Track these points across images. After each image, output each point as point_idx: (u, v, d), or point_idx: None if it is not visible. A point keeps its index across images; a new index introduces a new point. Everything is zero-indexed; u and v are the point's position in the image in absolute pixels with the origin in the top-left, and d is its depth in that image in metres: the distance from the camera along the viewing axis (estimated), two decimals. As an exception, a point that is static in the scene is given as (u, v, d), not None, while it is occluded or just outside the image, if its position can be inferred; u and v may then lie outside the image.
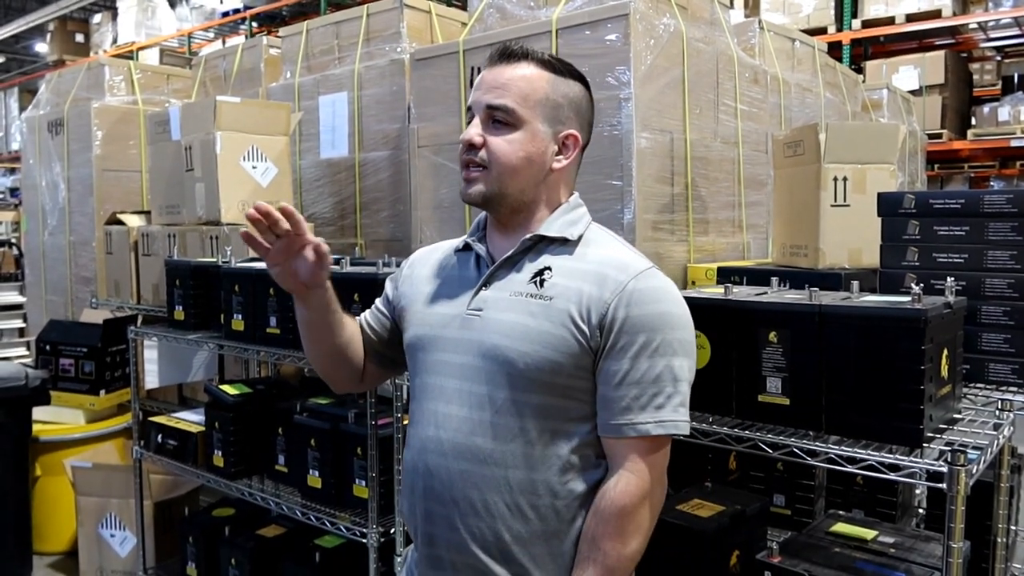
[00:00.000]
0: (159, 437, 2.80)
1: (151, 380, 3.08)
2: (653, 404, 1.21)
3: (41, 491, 3.49)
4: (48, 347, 3.58)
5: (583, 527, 1.25)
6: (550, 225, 1.31)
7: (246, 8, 10.72)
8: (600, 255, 1.29)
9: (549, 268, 1.27)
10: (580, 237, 1.31)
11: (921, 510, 2.28)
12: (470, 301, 1.30)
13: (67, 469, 3.27)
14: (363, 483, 2.22)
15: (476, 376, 1.25)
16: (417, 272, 1.44)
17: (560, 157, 1.32)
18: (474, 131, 1.28)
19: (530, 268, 1.29)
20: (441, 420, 1.28)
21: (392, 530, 2.17)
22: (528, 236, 1.30)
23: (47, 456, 3.48)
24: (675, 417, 1.22)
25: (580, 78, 1.34)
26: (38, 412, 3.40)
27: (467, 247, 1.39)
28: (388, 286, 1.50)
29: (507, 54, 1.30)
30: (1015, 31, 7.40)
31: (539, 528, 1.23)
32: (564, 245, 1.30)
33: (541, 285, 1.26)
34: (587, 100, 1.35)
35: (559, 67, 1.32)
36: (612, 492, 1.22)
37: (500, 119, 1.27)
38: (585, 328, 1.22)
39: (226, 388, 2.62)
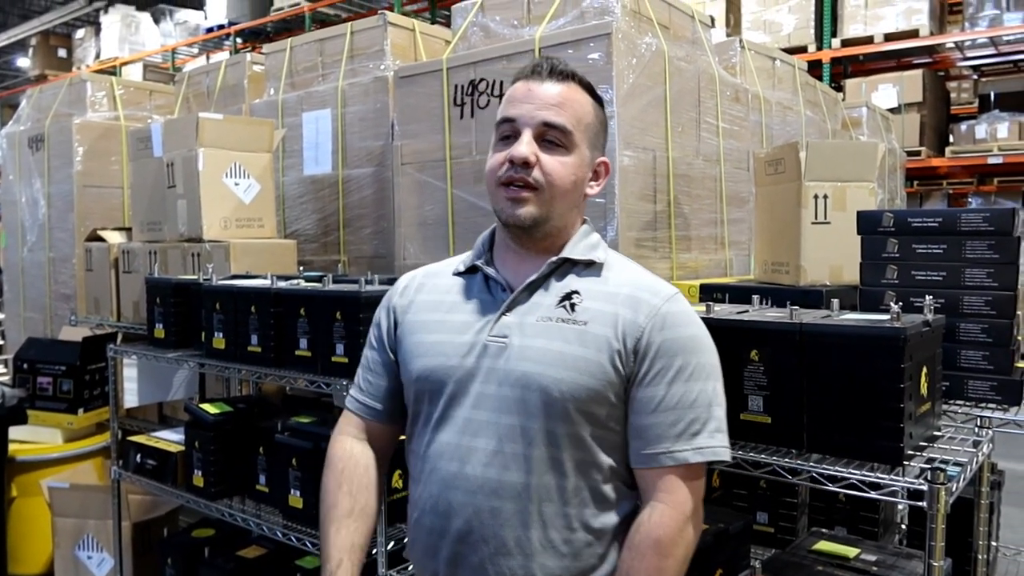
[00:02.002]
0: (138, 457, 2.77)
1: (130, 399, 3.05)
2: (689, 431, 1.17)
3: (17, 512, 3.43)
4: (26, 365, 3.52)
5: (617, 563, 1.20)
6: (574, 248, 1.26)
7: (230, 24, 10.73)
8: (626, 278, 1.25)
9: (577, 292, 1.22)
10: (603, 260, 1.27)
11: (904, 526, 2.28)
12: (491, 327, 1.22)
13: (43, 490, 3.22)
14: (345, 503, 2.19)
15: (506, 407, 1.18)
16: (417, 299, 1.34)
17: (593, 183, 1.29)
18: (528, 149, 1.20)
19: (556, 292, 1.23)
20: (465, 454, 1.19)
21: (374, 551, 2.15)
22: (554, 259, 1.25)
23: (23, 476, 3.41)
24: (712, 443, 1.18)
25: (603, 104, 1.32)
26: (15, 431, 3.34)
27: (472, 269, 1.31)
28: (383, 322, 1.38)
29: (558, 70, 1.24)
30: (991, 51, 7.53)
31: (572, 565, 1.18)
32: (589, 268, 1.26)
33: (572, 309, 1.20)
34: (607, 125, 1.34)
35: (595, 92, 1.29)
36: (647, 524, 1.16)
37: (555, 139, 1.21)
38: (621, 353, 1.18)
39: (207, 407, 2.59)
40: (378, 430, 1.40)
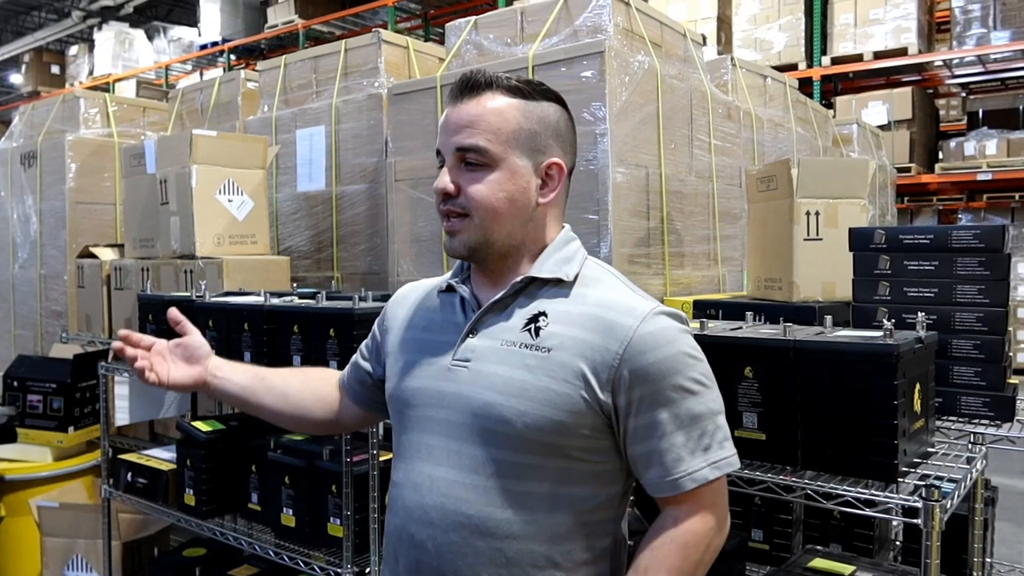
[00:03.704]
0: (129, 475, 2.74)
1: (122, 416, 3.02)
2: (701, 446, 1.10)
3: (5, 532, 3.39)
4: (16, 383, 3.49)
5: (630, 565, 1.13)
6: (541, 265, 1.18)
7: (224, 41, 10.78)
8: (599, 296, 1.15)
9: (544, 313, 1.14)
10: (576, 276, 1.18)
11: (899, 543, 2.28)
12: (456, 350, 1.17)
13: (33, 509, 3.18)
14: (338, 521, 2.18)
15: (467, 436, 1.13)
16: (398, 314, 1.32)
17: (545, 190, 1.19)
18: (446, 179, 1.16)
19: (522, 313, 1.16)
20: (427, 483, 1.15)
21: (368, 570, 2.13)
22: (518, 279, 1.18)
23: (12, 495, 3.38)
24: (725, 454, 1.12)
25: (554, 98, 1.21)
26: (4, 450, 3.32)
27: (450, 288, 1.26)
28: (375, 327, 1.40)
29: (469, 85, 1.17)
30: (979, 68, 7.62)
31: None
32: (559, 286, 1.17)
33: (536, 334, 1.13)
34: (566, 120, 1.22)
35: (528, 90, 1.18)
36: (674, 529, 1.11)
37: (473, 161, 1.14)
38: (594, 385, 1.09)
39: (198, 424, 2.57)
40: (344, 402, 1.45)
